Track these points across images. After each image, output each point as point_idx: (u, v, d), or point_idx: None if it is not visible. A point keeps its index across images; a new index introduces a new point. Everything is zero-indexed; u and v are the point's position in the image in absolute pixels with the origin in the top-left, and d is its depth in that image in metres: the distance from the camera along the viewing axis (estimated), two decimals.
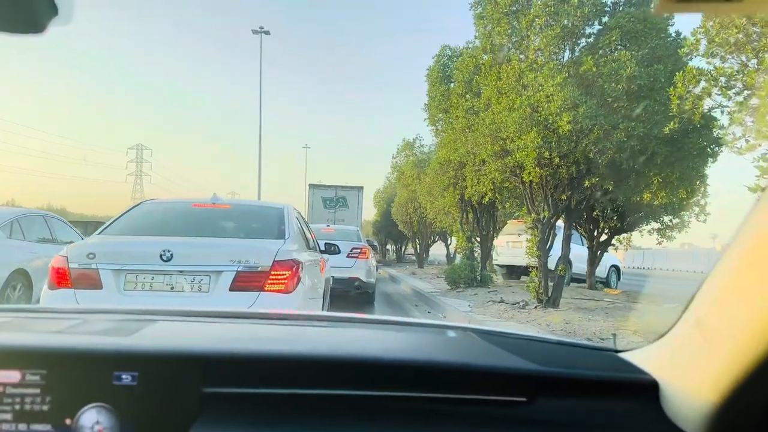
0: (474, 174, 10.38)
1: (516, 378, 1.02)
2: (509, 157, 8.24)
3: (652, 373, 1.02)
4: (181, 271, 3.96)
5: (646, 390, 1.00)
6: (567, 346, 1.34)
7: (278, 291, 4.01)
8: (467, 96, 10.71)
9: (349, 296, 9.60)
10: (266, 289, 3.98)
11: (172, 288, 3.95)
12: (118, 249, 4.14)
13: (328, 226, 12.24)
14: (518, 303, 9.21)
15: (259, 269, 3.99)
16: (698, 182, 7.13)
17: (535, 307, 8.62)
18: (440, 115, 13.10)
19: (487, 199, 11.01)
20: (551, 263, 8.87)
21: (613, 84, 6.76)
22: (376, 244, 21.28)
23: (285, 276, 4.05)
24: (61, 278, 3.94)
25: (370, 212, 37.96)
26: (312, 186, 24.72)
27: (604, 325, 7.06)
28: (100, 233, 4.49)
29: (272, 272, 4.00)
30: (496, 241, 14.52)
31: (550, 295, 8.66)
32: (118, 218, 4.74)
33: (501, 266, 15.91)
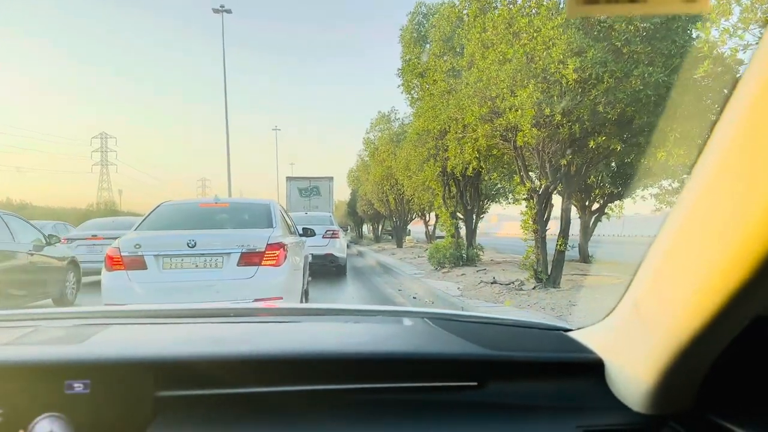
0: (457, 142, 9.31)
1: (467, 364, 1.04)
2: (500, 119, 7.18)
3: (598, 351, 1.04)
4: (202, 254, 5.24)
5: (593, 368, 1.02)
6: (519, 327, 1.37)
7: (271, 265, 5.29)
8: (446, 57, 9.62)
9: (326, 269, 12.03)
10: (263, 264, 5.26)
11: (197, 266, 5.22)
12: (156, 240, 5.34)
13: (306, 214, 14.30)
14: (513, 283, 8.27)
15: (257, 250, 5.28)
16: None
17: (534, 287, 7.67)
18: (416, 81, 11.95)
19: (471, 170, 10.02)
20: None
21: (624, 24, 5.73)
22: (347, 226, 22.77)
23: (276, 255, 5.33)
24: (116, 263, 5.15)
25: (344, 194, 38.14)
26: (289, 179, 27.54)
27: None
28: (136, 229, 5.69)
29: (267, 252, 5.29)
30: None
31: (550, 273, 7.72)
32: (145, 218, 6.06)
33: None
